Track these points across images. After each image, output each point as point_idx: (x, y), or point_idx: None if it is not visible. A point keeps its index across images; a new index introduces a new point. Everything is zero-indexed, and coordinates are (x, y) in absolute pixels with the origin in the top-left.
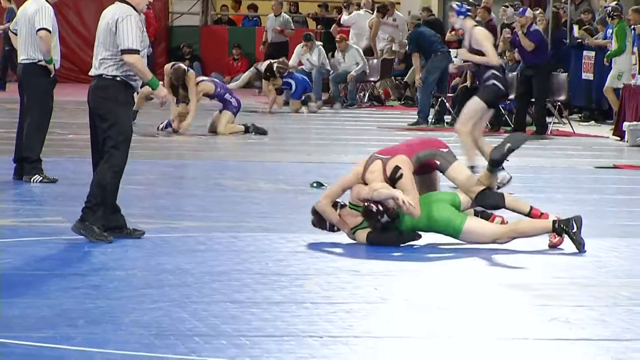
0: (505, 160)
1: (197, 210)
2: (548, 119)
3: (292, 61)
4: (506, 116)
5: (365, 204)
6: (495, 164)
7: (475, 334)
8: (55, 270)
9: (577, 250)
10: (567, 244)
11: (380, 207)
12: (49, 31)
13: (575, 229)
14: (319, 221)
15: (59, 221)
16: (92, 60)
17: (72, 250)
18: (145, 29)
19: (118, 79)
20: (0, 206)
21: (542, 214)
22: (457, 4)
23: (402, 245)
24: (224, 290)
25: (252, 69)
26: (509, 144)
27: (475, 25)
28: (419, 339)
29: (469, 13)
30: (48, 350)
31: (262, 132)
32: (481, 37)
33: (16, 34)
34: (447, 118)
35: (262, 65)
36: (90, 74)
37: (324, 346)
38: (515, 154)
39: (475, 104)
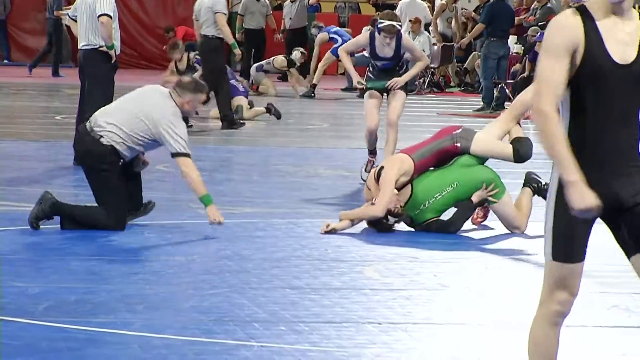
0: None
1: (256, 196)
2: None
3: None
4: None
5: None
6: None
7: None
8: (114, 256)
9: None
10: None
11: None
12: (110, 17)
13: (543, 181)
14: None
15: None
16: (151, 47)
17: (132, 236)
18: None
19: (116, 149)
20: (60, 192)
21: None
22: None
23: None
24: (283, 277)
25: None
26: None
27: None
28: (479, 326)
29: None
30: (108, 336)
31: (277, 115)
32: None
33: (75, 20)
34: (508, 104)
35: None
36: (91, 132)
37: (383, 333)
38: None
39: (403, 98)
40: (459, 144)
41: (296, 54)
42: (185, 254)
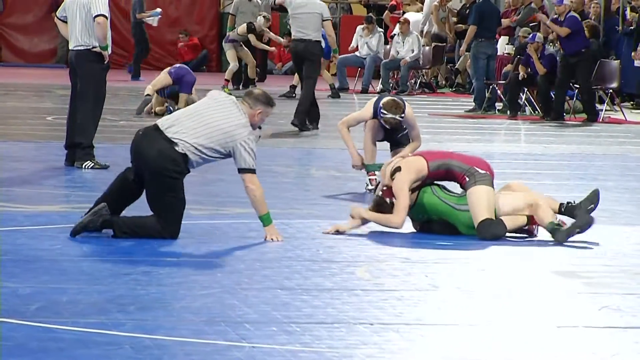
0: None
1: None
2: (600, 107)
3: (352, 43)
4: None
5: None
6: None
7: (525, 322)
8: (106, 257)
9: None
10: (615, 234)
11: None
12: (106, 17)
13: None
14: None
15: None
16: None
17: (128, 237)
18: None
19: (188, 159)
20: (52, 192)
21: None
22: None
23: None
24: (274, 277)
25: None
26: (577, 228)
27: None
28: (470, 326)
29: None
30: (98, 336)
31: None
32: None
33: (64, 21)
34: (499, 105)
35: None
36: (166, 133)
37: (375, 333)
38: (568, 142)
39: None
40: (467, 179)
41: (260, 19)
42: (177, 255)
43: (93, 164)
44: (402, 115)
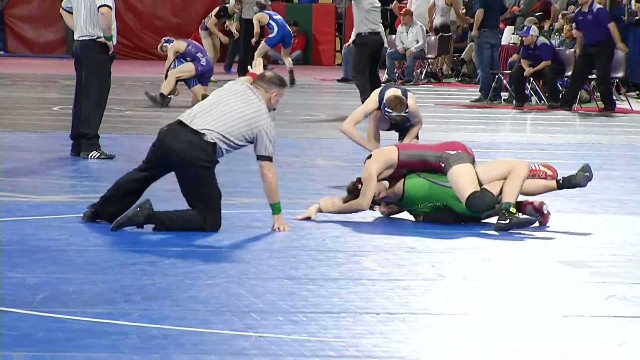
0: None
1: (254, 186)
2: None
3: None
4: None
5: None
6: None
7: (532, 311)
8: (111, 247)
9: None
10: (621, 223)
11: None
12: (110, 7)
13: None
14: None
15: None
16: (148, 38)
17: (129, 227)
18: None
19: (217, 147)
20: (58, 182)
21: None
22: None
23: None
24: (280, 267)
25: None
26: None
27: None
28: (476, 316)
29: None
30: (105, 326)
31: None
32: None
33: (69, 12)
34: (505, 95)
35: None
36: (192, 126)
37: (381, 323)
38: (574, 131)
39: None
40: (442, 165)
41: (231, 1)
42: (182, 245)
43: (99, 154)
44: (407, 110)
